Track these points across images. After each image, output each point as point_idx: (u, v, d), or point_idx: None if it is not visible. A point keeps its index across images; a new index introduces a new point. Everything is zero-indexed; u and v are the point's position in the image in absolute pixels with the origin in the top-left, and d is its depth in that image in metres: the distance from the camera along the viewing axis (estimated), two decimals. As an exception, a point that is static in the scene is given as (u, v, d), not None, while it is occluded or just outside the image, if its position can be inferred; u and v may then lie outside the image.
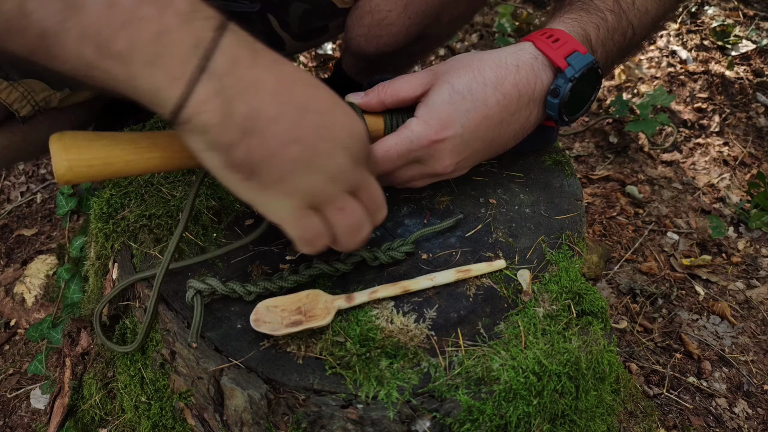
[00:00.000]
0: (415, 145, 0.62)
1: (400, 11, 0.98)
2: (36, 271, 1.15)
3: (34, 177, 1.47)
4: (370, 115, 0.67)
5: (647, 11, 0.70)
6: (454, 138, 0.62)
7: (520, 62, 0.64)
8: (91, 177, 0.53)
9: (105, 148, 0.53)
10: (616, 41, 0.69)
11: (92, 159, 0.52)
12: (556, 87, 0.64)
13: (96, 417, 0.80)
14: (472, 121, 0.62)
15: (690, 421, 0.97)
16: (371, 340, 0.57)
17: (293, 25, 1.07)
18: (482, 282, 0.63)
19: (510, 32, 1.94)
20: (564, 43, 0.64)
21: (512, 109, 0.64)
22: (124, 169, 0.54)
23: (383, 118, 0.67)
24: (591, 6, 0.69)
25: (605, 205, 1.40)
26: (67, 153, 0.51)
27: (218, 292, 0.59)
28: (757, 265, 1.28)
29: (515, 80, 0.63)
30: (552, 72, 0.65)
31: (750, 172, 1.52)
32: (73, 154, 0.52)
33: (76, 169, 0.52)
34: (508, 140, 0.68)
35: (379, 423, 0.53)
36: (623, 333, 1.11)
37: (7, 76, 0.88)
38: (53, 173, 0.52)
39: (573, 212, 0.73)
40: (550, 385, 0.57)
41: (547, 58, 0.65)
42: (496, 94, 0.62)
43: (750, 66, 1.84)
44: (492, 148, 0.68)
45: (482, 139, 0.64)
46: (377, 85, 0.66)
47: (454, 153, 0.64)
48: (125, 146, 0.54)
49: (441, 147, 0.63)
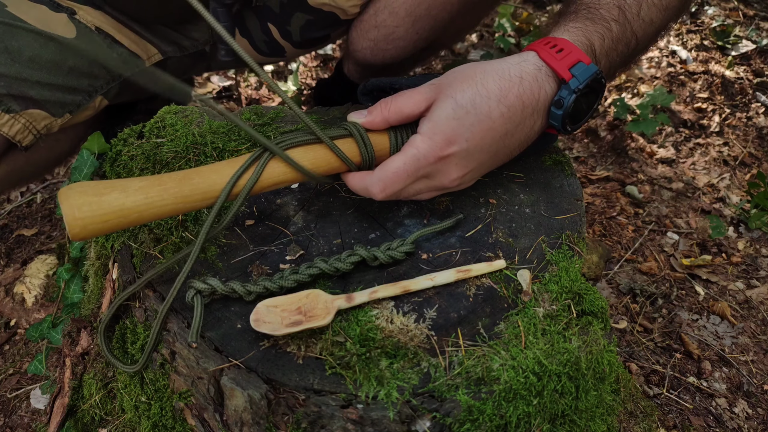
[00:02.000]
0: (422, 163, 0.61)
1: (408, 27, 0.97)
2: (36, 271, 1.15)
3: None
4: (375, 133, 0.66)
5: (652, 22, 0.70)
6: (459, 153, 0.62)
7: (524, 73, 0.63)
8: (106, 232, 0.53)
9: (116, 202, 0.52)
10: (620, 51, 0.69)
11: (106, 215, 0.51)
12: (560, 98, 0.63)
13: (96, 417, 0.80)
14: (476, 134, 0.62)
15: (690, 421, 0.96)
16: (371, 340, 0.57)
17: (294, 34, 1.06)
18: (482, 282, 0.63)
19: (510, 32, 1.94)
20: (568, 53, 0.63)
21: (516, 120, 0.63)
22: (138, 219, 0.54)
23: (388, 136, 0.66)
24: (596, 15, 0.68)
25: (605, 205, 1.40)
26: (79, 212, 0.50)
27: (218, 292, 0.59)
28: (757, 265, 1.28)
29: (519, 92, 0.62)
30: (556, 82, 0.64)
31: (750, 172, 1.52)
32: (86, 212, 0.50)
33: (91, 227, 0.51)
34: (513, 150, 0.67)
35: (379, 423, 0.53)
36: (623, 333, 1.11)
37: (9, 108, 0.88)
38: (67, 233, 0.51)
39: (573, 212, 0.73)
40: (550, 385, 0.57)
41: (551, 69, 0.64)
42: (500, 106, 0.61)
43: (750, 66, 1.84)
44: (498, 159, 0.67)
45: (487, 152, 0.64)
46: (379, 103, 0.65)
47: (460, 167, 0.63)
48: (136, 198, 0.53)
49: (447, 162, 0.62)
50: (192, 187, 0.56)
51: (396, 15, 0.96)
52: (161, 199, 0.54)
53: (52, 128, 0.95)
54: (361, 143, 0.64)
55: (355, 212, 0.72)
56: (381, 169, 0.62)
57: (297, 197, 0.73)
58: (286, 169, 0.61)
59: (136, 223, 0.54)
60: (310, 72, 1.82)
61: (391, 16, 0.96)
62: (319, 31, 1.06)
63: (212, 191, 0.58)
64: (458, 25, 1.04)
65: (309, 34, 1.06)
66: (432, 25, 0.98)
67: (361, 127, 0.65)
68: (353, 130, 0.64)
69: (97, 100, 1.00)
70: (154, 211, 0.54)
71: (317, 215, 0.71)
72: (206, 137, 0.79)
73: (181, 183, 0.56)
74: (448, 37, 1.11)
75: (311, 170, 0.62)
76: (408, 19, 0.96)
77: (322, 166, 0.63)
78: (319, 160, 0.63)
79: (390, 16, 0.96)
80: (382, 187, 0.62)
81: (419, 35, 0.98)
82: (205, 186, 0.57)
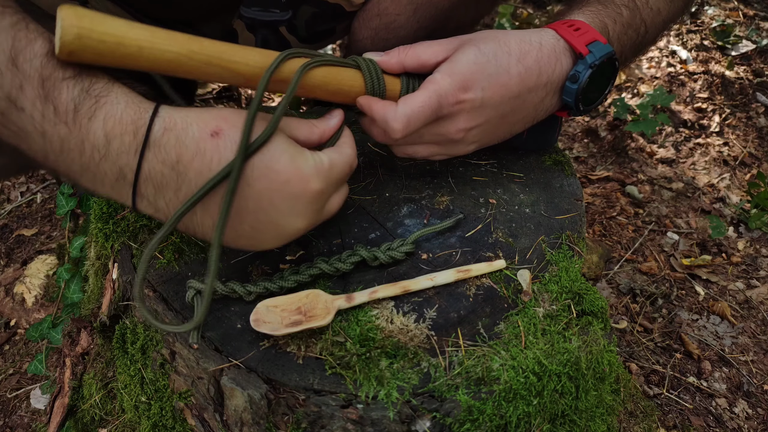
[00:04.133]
0: (443, 101, 0.61)
1: (409, 15, 0.98)
2: (36, 271, 1.15)
3: (34, 177, 1.47)
4: (388, 76, 0.65)
5: (659, 11, 0.73)
6: (473, 101, 0.62)
7: (543, 41, 0.66)
8: (98, 54, 0.48)
9: (121, 27, 0.48)
10: (630, 37, 0.71)
11: (105, 34, 0.47)
12: (576, 72, 0.65)
13: (96, 417, 0.80)
14: (492, 86, 0.63)
15: (690, 421, 0.97)
16: (371, 340, 0.57)
17: (300, 28, 1.06)
18: (482, 282, 0.63)
19: (510, 32, 1.94)
20: (585, 32, 0.66)
21: (530, 84, 0.65)
22: (136, 54, 0.49)
23: (400, 81, 0.66)
24: (607, 1, 0.71)
25: (605, 205, 1.40)
26: (79, 20, 0.46)
27: (218, 292, 0.59)
28: (757, 265, 1.28)
29: (538, 56, 0.64)
30: (572, 59, 0.67)
31: (750, 172, 1.53)
32: (86, 23, 0.46)
33: (86, 40, 0.46)
34: (518, 121, 0.69)
35: (379, 423, 0.53)
36: (623, 333, 1.11)
37: None
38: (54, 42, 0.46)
39: (573, 212, 0.73)
40: (550, 385, 0.57)
41: (568, 43, 0.66)
42: (518, 65, 0.63)
43: (750, 66, 1.84)
44: (502, 126, 0.68)
45: (497, 109, 0.65)
46: (397, 48, 0.65)
47: (469, 117, 0.64)
48: (141, 32, 0.49)
49: (459, 108, 0.63)
50: (200, 46, 0.53)
51: (398, 2, 0.97)
52: (167, 44, 0.51)
53: None
54: (375, 76, 0.63)
55: (355, 212, 0.72)
56: (404, 103, 0.61)
57: (297, 197, 0.73)
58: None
59: (133, 58, 0.50)
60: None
61: (393, 4, 0.97)
62: (325, 24, 1.07)
63: (219, 59, 0.54)
64: (459, 18, 1.04)
65: (315, 27, 1.07)
66: (433, 14, 0.98)
67: (376, 64, 0.64)
68: (365, 64, 0.63)
69: None
70: (155, 53, 0.50)
71: (317, 215, 0.71)
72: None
73: (190, 39, 0.53)
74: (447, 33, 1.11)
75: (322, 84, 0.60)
76: (410, 7, 0.97)
77: (332, 83, 0.61)
78: (331, 77, 0.61)
79: (392, 3, 0.97)
80: (406, 123, 0.60)
81: (420, 24, 0.99)
82: (213, 50, 0.53)
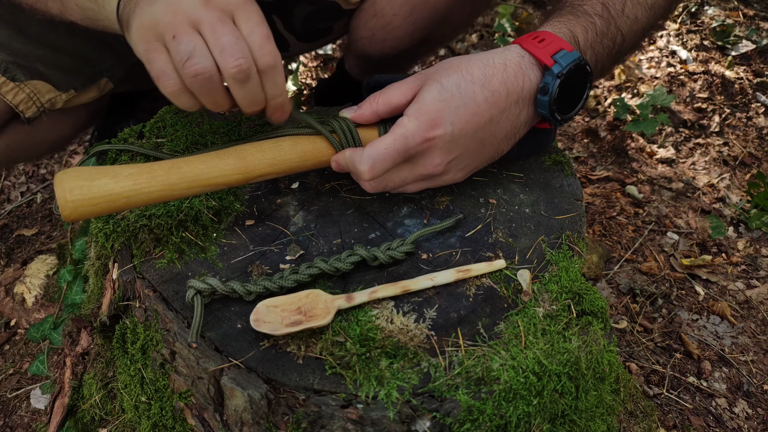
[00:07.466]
0: (410, 142, 0.62)
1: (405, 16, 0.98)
2: (36, 271, 1.15)
3: (34, 177, 1.47)
4: (365, 128, 0.68)
5: (637, 19, 0.72)
6: (443, 137, 0.62)
7: (507, 61, 0.65)
8: (96, 215, 0.57)
9: (106, 187, 0.56)
10: (606, 45, 0.70)
11: (95, 199, 0.55)
12: (544, 85, 0.65)
13: (96, 417, 0.80)
14: (461, 118, 0.62)
15: (690, 421, 0.97)
16: (371, 340, 0.57)
17: (297, 26, 1.06)
18: (482, 282, 0.63)
19: (510, 32, 1.94)
20: (550, 42, 0.65)
21: (501, 106, 0.64)
22: (126, 205, 0.57)
23: (378, 130, 0.68)
24: (580, 11, 0.70)
25: (605, 205, 1.40)
26: (71, 195, 0.54)
27: (218, 292, 0.59)
28: (757, 265, 1.28)
29: (503, 78, 0.64)
30: (539, 71, 0.66)
31: (750, 172, 1.52)
32: (77, 195, 0.54)
33: (81, 210, 0.55)
34: (500, 141, 0.68)
35: (379, 423, 0.53)
36: (623, 333, 1.11)
37: (14, 77, 0.88)
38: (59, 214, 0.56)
39: (573, 212, 0.73)
40: (550, 385, 0.57)
41: (534, 56, 0.65)
42: (484, 91, 0.63)
43: (750, 66, 1.84)
44: (484, 150, 0.68)
45: (473, 138, 0.65)
46: (369, 97, 0.67)
47: (444, 151, 0.64)
48: (125, 184, 0.56)
49: (431, 146, 0.63)
50: (180, 176, 0.59)
51: (394, 3, 0.97)
52: (149, 186, 0.57)
53: (55, 103, 0.95)
54: (349, 138, 0.66)
55: (355, 212, 0.72)
56: (370, 146, 0.62)
57: (297, 197, 0.73)
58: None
59: (125, 207, 0.58)
60: (310, 72, 1.82)
61: (390, 4, 0.97)
62: (322, 22, 1.07)
63: (198, 180, 0.60)
64: (455, 18, 1.04)
65: (312, 25, 1.06)
66: (429, 15, 0.99)
67: (350, 121, 0.67)
68: (339, 126, 0.67)
69: (102, 82, 1.01)
70: (142, 197, 0.57)
71: (317, 215, 0.71)
72: (206, 137, 0.79)
73: (169, 171, 0.59)
74: (444, 31, 1.11)
75: (300, 163, 0.66)
76: (405, 8, 0.97)
77: (310, 159, 0.66)
78: (307, 153, 0.66)
79: (389, 4, 0.97)
80: (372, 165, 0.62)
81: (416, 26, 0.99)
82: (192, 175, 0.60)
